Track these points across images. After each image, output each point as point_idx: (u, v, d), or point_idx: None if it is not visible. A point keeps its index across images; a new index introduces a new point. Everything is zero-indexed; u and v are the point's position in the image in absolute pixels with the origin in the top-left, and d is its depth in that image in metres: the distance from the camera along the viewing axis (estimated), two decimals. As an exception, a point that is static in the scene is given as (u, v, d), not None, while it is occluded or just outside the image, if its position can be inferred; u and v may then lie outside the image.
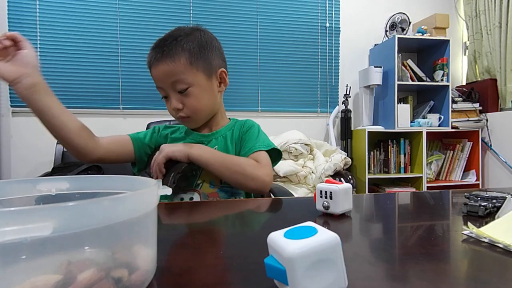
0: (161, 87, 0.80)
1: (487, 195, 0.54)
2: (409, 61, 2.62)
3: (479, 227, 0.41)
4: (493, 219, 0.47)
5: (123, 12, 2.32)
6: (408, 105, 2.56)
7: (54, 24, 2.21)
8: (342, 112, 2.62)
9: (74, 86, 2.26)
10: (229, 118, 0.95)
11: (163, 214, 0.55)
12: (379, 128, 2.50)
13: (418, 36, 2.52)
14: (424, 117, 2.62)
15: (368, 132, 2.41)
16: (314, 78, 2.69)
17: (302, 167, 2.16)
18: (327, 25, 2.68)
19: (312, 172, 2.14)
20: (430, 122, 2.53)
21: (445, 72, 2.55)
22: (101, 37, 2.29)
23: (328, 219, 0.50)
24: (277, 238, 0.26)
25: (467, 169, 2.66)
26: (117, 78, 2.33)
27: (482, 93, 2.63)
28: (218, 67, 0.83)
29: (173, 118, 0.86)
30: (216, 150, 0.81)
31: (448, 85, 2.53)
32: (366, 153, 2.43)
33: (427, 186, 2.49)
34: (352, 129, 2.63)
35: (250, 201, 0.68)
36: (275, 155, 0.87)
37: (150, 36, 2.37)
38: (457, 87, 2.80)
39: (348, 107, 2.61)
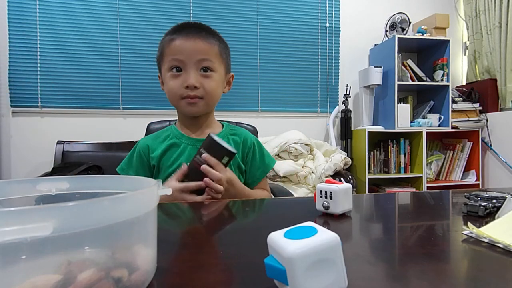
0: (182, 60, 0.77)
1: (487, 195, 0.54)
2: (409, 61, 2.62)
3: (479, 227, 0.41)
4: (493, 219, 0.47)
5: (123, 12, 2.32)
6: (408, 105, 2.56)
7: (54, 24, 2.22)
8: (342, 112, 2.62)
9: (74, 86, 2.26)
10: (221, 122, 0.94)
11: (163, 214, 0.55)
12: (379, 128, 2.50)
13: (418, 36, 2.52)
14: (424, 117, 2.62)
15: (368, 132, 2.41)
16: (314, 78, 2.69)
17: (302, 167, 2.16)
18: (327, 25, 2.68)
19: (312, 172, 2.14)
20: (430, 122, 2.53)
21: (445, 72, 2.55)
22: (101, 37, 2.29)
23: (328, 219, 0.50)
24: (277, 238, 0.26)
25: (467, 169, 2.66)
26: (117, 78, 2.33)
27: (482, 93, 2.63)
28: (230, 70, 0.88)
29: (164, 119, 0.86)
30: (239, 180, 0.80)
31: (448, 85, 2.53)
32: (366, 153, 2.43)
33: (427, 186, 2.49)
34: (352, 129, 2.63)
35: (250, 201, 0.68)
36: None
37: (150, 36, 2.37)
38: (457, 87, 2.80)
39: (348, 107, 2.61)
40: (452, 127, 2.55)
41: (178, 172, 0.72)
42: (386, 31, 2.62)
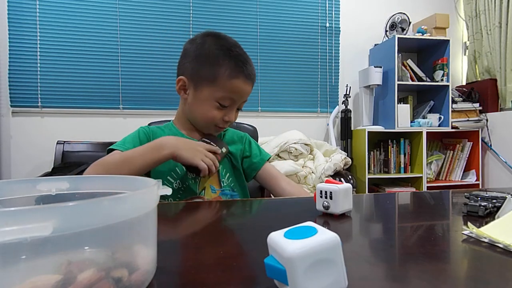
0: (236, 100, 0.82)
1: (487, 195, 0.54)
2: (409, 61, 2.62)
3: (479, 227, 0.41)
4: (493, 219, 0.47)
5: (123, 12, 2.32)
6: (408, 105, 2.56)
7: (54, 24, 2.22)
8: (342, 112, 2.62)
9: (74, 86, 2.26)
10: None
11: (163, 214, 0.55)
12: (379, 128, 2.50)
13: (418, 36, 2.52)
14: (424, 117, 2.62)
15: (368, 132, 2.41)
16: (314, 78, 2.68)
17: (302, 167, 2.16)
18: (327, 25, 2.68)
19: (312, 172, 2.14)
20: (430, 122, 2.53)
21: (445, 72, 2.55)
22: (101, 37, 2.29)
23: (328, 219, 0.50)
24: (277, 238, 0.26)
25: (467, 169, 2.66)
26: (117, 78, 2.33)
27: (482, 93, 2.63)
28: None
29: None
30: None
31: (448, 85, 2.53)
32: (366, 153, 2.43)
33: (427, 186, 2.49)
34: (352, 129, 2.63)
35: (249, 201, 0.68)
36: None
37: (150, 36, 2.37)
38: (457, 87, 2.80)
39: (348, 107, 2.61)
40: (452, 127, 2.55)
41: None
42: (386, 31, 2.62)
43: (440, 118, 2.57)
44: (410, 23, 2.58)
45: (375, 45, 2.70)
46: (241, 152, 0.93)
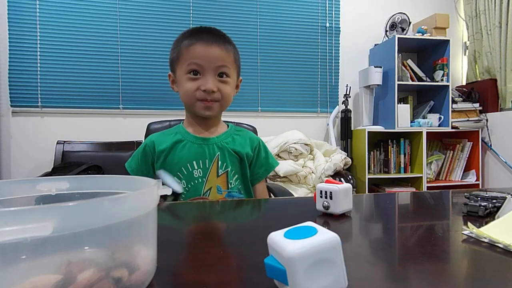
0: (201, 64, 0.80)
1: (487, 195, 0.53)
2: (409, 61, 2.62)
3: (479, 227, 0.41)
4: (493, 219, 0.47)
5: (123, 12, 2.32)
6: (408, 105, 2.56)
7: (54, 24, 2.22)
8: (342, 112, 2.62)
9: (74, 86, 2.26)
10: (226, 123, 0.97)
11: (163, 214, 0.55)
12: (379, 128, 2.50)
13: (418, 36, 2.52)
14: (424, 117, 2.62)
15: (368, 132, 2.41)
16: (314, 78, 2.68)
17: (302, 167, 2.16)
18: (327, 25, 2.68)
19: (312, 172, 2.14)
20: (430, 122, 2.53)
21: (445, 72, 2.54)
22: (101, 37, 2.29)
23: (328, 219, 0.50)
24: (277, 238, 0.26)
25: (467, 169, 2.66)
26: (117, 78, 2.33)
27: (482, 93, 2.63)
28: (240, 74, 0.92)
29: (168, 119, 0.87)
30: None
31: (448, 85, 2.53)
32: (366, 153, 2.43)
33: (427, 186, 2.49)
34: (352, 129, 2.63)
35: (250, 201, 0.68)
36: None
37: (150, 36, 2.37)
38: (457, 87, 2.80)
39: (348, 107, 2.61)
40: (452, 127, 2.55)
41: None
42: (386, 31, 2.62)
43: (440, 118, 2.57)
44: (410, 23, 2.58)
45: (375, 45, 2.70)
46: (250, 157, 0.92)
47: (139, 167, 0.87)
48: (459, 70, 2.98)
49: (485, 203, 0.50)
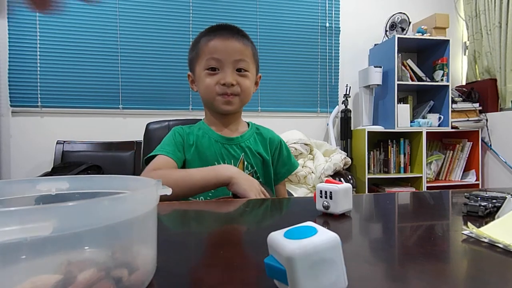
0: (220, 59, 0.80)
1: (487, 195, 0.53)
2: (409, 61, 2.62)
3: (479, 227, 0.41)
4: (493, 219, 0.47)
5: (123, 12, 2.32)
6: (408, 105, 2.56)
7: (54, 24, 2.22)
8: (342, 112, 2.62)
9: (74, 86, 2.26)
10: (246, 122, 0.96)
11: (163, 214, 0.55)
12: (379, 128, 2.50)
13: (418, 36, 2.52)
14: (424, 117, 2.62)
15: (368, 132, 2.41)
16: (314, 78, 2.68)
17: (302, 167, 2.16)
18: (327, 25, 2.68)
19: (312, 172, 2.14)
20: (430, 122, 2.53)
21: (445, 72, 2.55)
22: (101, 37, 2.29)
23: (328, 219, 0.50)
24: (277, 238, 0.25)
25: (467, 169, 2.66)
26: (117, 78, 2.33)
27: (482, 93, 2.63)
28: (259, 71, 0.91)
29: (173, 118, 0.86)
30: None
31: (448, 85, 2.53)
32: (366, 153, 2.43)
33: (427, 186, 2.49)
34: (352, 129, 2.63)
35: (250, 201, 0.68)
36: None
37: (150, 36, 2.37)
38: (457, 87, 2.80)
39: (348, 107, 2.61)
40: (452, 127, 2.55)
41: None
42: (386, 31, 2.62)
43: (440, 118, 2.57)
44: (410, 23, 2.58)
45: (375, 45, 2.70)
46: (272, 158, 0.91)
47: (175, 149, 0.82)
48: (459, 70, 2.98)
49: (485, 203, 0.50)
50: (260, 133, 0.92)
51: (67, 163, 1.97)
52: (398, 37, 2.43)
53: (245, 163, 0.84)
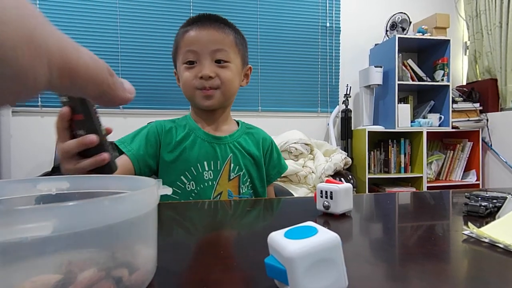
0: (196, 51, 0.74)
1: (487, 195, 0.53)
2: (410, 61, 2.62)
3: (479, 227, 0.41)
4: (494, 219, 0.47)
5: (123, 11, 2.32)
6: (409, 105, 2.56)
7: (53, 22, 2.20)
8: (342, 112, 2.62)
9: (74, 86, 2.26)
10: (235, 120, 0.90)
11: (163, 214, 0.55)
12: (379, 128, 2.50)
13: (419, 36, 2.52)
14: (424, 117, 2.62)
15: (368, 132, 2.41)
16: (314, 78, 2.68)
17: (302, 167, 2.16)
18: (328, 25, 2.68)
19: (312, 172, 2.14)
20: (431, 122, 2.53)
21: (446, 72, 2.54)
22: (101, 36, 2.29)
23: (328, 219, 0.50)
24: (277, 238, 0.25)
25: (467, 169, 2.66)
26: (117, 77, 2.32)
27: (483, 93, 2.63)
28: (247, 62, 0.85)
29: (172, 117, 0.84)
30: None
31: (448, 85, 2.53)
32: (366, 153, 2.42)
33: (427, 186, 2.49)
34: (352, 129, 2.62)
35: (250, 201, 0.68)
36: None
37: (150, 35, 2.37)
38: (457, 87, 2.80)
39: (349, 107, 2.61)
40: (453, 127, 2.55)
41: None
42: (387, 30, 2.62)
43: (440, 118, 2.57)
44: (410, 23, 2.58)
45: (376, 45, 2.70)
46: (264, 158, 0.87)
47: (140, 146, 0.75)
48: (459, 70, 2.98)
49: (486, 203, 0.50)
50: (251, 133, 0.86)
51: (67, 163, 1.97)
52: (399, 37, 2.43)
53: (232, 165, 0.79)
